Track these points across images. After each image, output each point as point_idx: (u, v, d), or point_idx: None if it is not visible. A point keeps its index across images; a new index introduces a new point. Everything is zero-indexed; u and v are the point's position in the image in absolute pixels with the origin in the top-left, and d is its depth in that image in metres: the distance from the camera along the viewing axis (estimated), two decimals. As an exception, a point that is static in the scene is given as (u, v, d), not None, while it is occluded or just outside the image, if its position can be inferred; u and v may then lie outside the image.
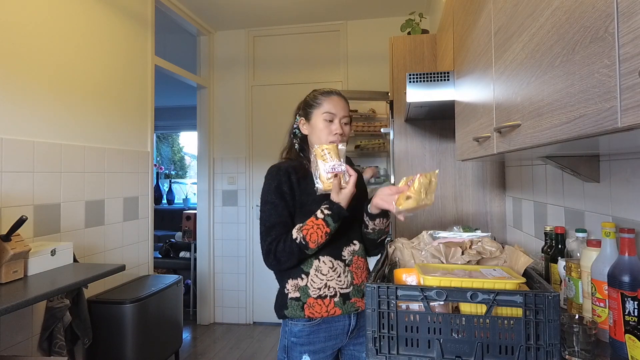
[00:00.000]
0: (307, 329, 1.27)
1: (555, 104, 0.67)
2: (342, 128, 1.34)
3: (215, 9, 3.43)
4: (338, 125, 1.34)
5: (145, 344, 2.32)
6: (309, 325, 1.27)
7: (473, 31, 1.31)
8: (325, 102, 1.35)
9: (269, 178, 1.34)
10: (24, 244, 1.61)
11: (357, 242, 1.37)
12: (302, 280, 1.28)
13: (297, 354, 1.27)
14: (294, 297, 1.28)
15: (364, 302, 1.25)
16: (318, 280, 1.28)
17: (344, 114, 1.36)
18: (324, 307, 1.26)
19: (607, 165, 1.13)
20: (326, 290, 1.27)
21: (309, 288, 1.27)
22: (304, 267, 1.29)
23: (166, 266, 4.17)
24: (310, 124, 1.38)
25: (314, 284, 1.27)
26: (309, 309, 1.26)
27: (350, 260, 1.33)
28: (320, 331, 1.28)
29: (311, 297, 1.27)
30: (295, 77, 3.79)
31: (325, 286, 1.27)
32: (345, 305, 1.28)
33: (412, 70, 2.31)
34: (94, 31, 2.39)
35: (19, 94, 1.90)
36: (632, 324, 0.81)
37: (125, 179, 2.66)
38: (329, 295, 1.27)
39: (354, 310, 1.30)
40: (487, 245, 1.24)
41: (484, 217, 2.19)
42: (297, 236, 1.24)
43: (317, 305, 1.26)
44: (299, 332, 1.27)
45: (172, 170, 6.41)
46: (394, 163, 2.31)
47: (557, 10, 0.66)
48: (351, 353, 1.36)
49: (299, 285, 1.28)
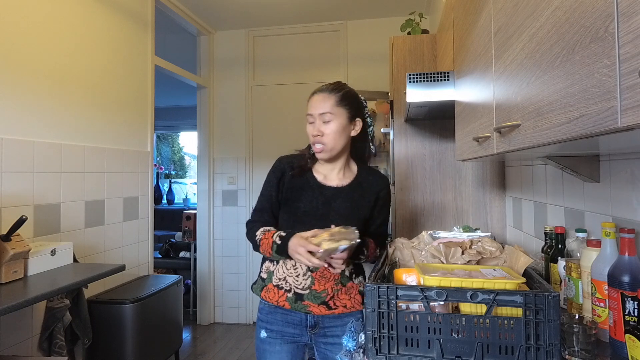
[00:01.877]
0: (266, 308, 1.37)
1: (555, 104, 0.67)
2: (319, 129, 1.29)
3: (215, 9, 3.43)
4: (312, 127, 1.31)
5: (145, 344, 2.32)
6: (267, 305, 1.36)
7: (473, 31, 1.31)
8: (308, 104, 1.34)
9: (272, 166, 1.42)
10: (24, 244, 1.61)
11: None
12: (273, 266, 1.37)
13: (259, 328, 1.38)
14: (262, 277, 1.39)
15: (319, 308, 1.30)
16: (282, 271, 1.34)
17: (322, 111, 1.28)
18: (276, 296, 1.33)
19: (607, 165, 1.13)
20: (283, 283, 1.33)
21: (274, 274, 1.35)
22: None
23: (166, 266, 4.17)
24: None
25: (278, 273, 1.35)
26: (265, 292, 1.35)
27: (316, 268, 1.31)
28: (277, 314, 1.35)
29: (272, 283, 1.34)
30: (295, 77, 3.79)
31: (284, 279, 1.33)
32: (296, 303, 1.31)
33: (412, 70, 2.31)
34: (93, 31, 2.39)
35: (19, 94, 1.90)
36: (632, 324, 0.81)
37: (125, 179, 2.66)
38: (284, 288, 1.33)
39: (304, 312, 1.31)
40: (487, 245, 1.24)
41: (484, 217, 2.19)
42: (259, 237, 1.33)
43: (272, 292, 1.34)
44: (261, 309, 1.39)
45: (172, 170, 6.41)
46: (394, 163, 2.31)
47: (557, 10, 0.66)
48: (324, 353, 1.36)
49: (270, 269, 1.37)
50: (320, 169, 1.40)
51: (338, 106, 1.29)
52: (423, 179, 2.26)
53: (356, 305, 1.37)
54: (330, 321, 1.34)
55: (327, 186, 1.36)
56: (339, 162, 1.38)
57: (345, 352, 1.31)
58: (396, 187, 2.30)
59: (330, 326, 1.34)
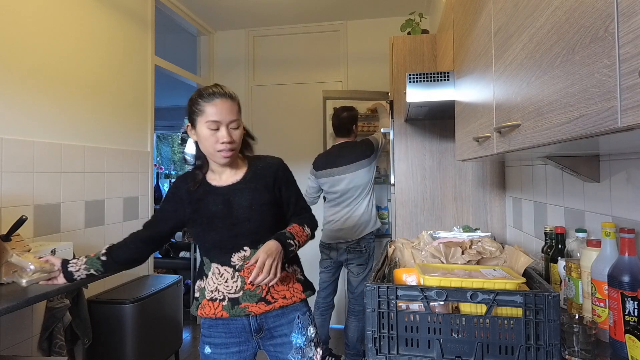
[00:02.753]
0: (207, 322, 1.34)
1: (555, 104, 0.67)
2: (230, 135, 1.23)
3: (215, 9, 3.43)
4: (225, 133, 1.22)
5: (145, 344, 2.32)
6: (207, 319, 1.33)
7: (473, 31, 1.31)
8: (208, 108, 1.22)
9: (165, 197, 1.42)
10: (24, 244, 1.61)
11: (248, 248, 1.29)
12: (203, 282, 1.35)
13: (202, 344, 1.35)
14: (195, 297, 1.36)
15: (258, 306, 1.26)
16: (212, 283, 1.31)
17: (232, 118, 1.24)
18: (213, 309, 1.29)
19: (607, 165, 1.13)
20: (216, 294, 1.29)
21: (205, 289, 1.32)
22: (205, 270, 1.35)
23: (166, 266, 4.17)
24: (196, 132, 1.27)
25: (209, 286, 1.32)
26: (201, 309, 1.32)
27: (241, 266, 1.28)
28: (218, 326, 1.32)
29: (205, 298, 1.32)
30: (295, 77, 3.79)
31: (216, 290, 1.30)
32: (234, 309, 1.27)
33: (412, 70, 2.31)
34: (93, 31, 2.39)
35: (19, 94, 1.90)
36: (632, 324, 0.81)
37: (125, 179, 2.66)
38: (218, 298, 1.29)
39: (244, 315, 1.27)
40: (487, 245, 1.24)
41: (484, 217, 2.19)
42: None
43: (207, 306, 1.30)
44: (202, 324, 1.36)
45: (172, 170, 6.40)
46: (394, 163, 2.31)
47: (557, 10, 0.66)
48: (275, 356, 1.34)
49: (200, 287, 1.35)
50: (212, 175, 1.36)
51: (239, 112, 1.29)
52: (423, 179, 2.26)
53: (296, 294, 1.32)
54: (274, 320, 1.30)
55: (222, 186, 1.33)
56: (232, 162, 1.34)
57: (296, 349, 1.30)
58: (396, 187, 2.30)
59: (276, 326, 1.31)
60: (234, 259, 1.28)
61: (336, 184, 2.58)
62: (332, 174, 2.59)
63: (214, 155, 1.26)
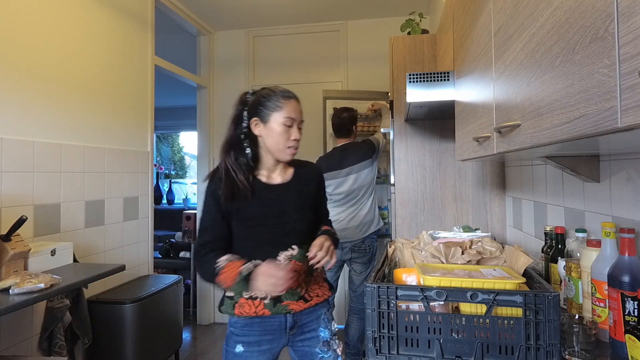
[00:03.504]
0: (241, 321, 1.32)
1: (555, 104, 0.67)
2: (299, 134, 1.32)
3: (215, 9, 3.43)
4: (297, 131, 1.31)
5: (145, 344, 2.32)
6: (242, 318, 1.32)
7: (473, 31, 1.31)
8: (286, 107, 1.29)
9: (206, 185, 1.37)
10: (24, 244, 1.61)
11: (296, 247, 1.32)
12: None
13: (232, 343, 1.32)
14: (228, 296, 1.34)
15: (298, 304, 1.30)
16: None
17: (302, 118, 1.34)
18: (253, 307, 1.29)
19: (607, 165, 1.13)
20: (258, 292, 1.28)
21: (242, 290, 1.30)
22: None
23: (166, 266, 4.17)
24: (266, 127, 1.30)
25: None
26: (239, 307, 1.31)
27: (286, 265, 1.29)
28: (253, 325, 1.31)
29: (243, 297, 1.31)
30: (295, 77, 3.79)
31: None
32: (276, 307, 1.29)
33: (412, 70, 2.31)
34: (93, 31, 2.39)
35: (19, 94, 1.90)
36: (632, 324, 0.81)
37: (125, 179, 2.66)
38: (259, 296, 1.29)
39: (285, 312, 1.30)
40: (487, 245, 1.24)
41: (484, 217, 2.19)
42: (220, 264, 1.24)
43: (246, 305, 1.30)
44: (234, 323, 1.34)
45: (172, 170, 6.40)
46: (394, 163, 2.31)
47: (557, 10, 0.66)
48: (302, 350, 1.37)
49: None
50: (263, 172, 1.37)
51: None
52: (423, 179, 2.26)
53: (325, 293, 1.39)
54: (306, 317, 1.35)
55: (274, 184, 1.36)
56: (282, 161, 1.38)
57: (322, 343, 1.34)
58: (396, 187, 2.30)
59: (307, 322, 1.35)
60: (281, 257, 1.30)
61: (341, 185, 2.60)
62: (337, 176, 2.60)
63: (281, 152, 1.31)
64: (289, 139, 1.30)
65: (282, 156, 1.32)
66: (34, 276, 1.47)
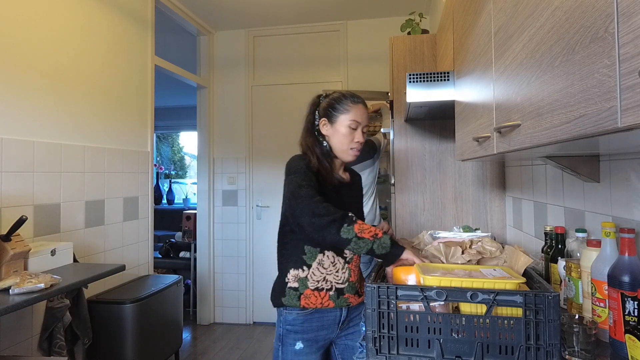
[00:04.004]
0: (301, 318, 1.32)
1: (555, 104, 0.67)
2: (362, 137, 1.38)
3: (215, 9, 3.43)
4: (361, 134, 1.37)
5: (145, 344, 2.32)
6: (303, 314, 1.32)
7: (473, 31, 1.31)
8: (353, 110, 1.36)
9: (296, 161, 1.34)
10: (24, 244, 1.61)
11: None
12: (303, 272, 1.33)
13: (292, 341, 1.32)
14: (292, 287, 1.33)
15: (355, 298, 1.36)
16: (318, 273, 1.33)
17: (367, 123, 1.40)
18: (319, 299, 1.32)
19: (607, 165, 1.13)
20: (324, 284, 1.33)
21: (308, 280, 1.32)
22: (306, 260, 1.33)
23: (166, 266, 4.17)
24: (333, 127, 1.38)
25: (314, 276, 1.33)
26: (305, 299, 1.31)
27: (351, 258, 1.38)
28: (313, 320, 1.33)
29: (309, 288, 1.32)
30: (295, 77, 3.79)
31: (324, 280, 1.33)
32: (339, 299, 1.34)
33: (412, 70, 2.31)
34: (94, 31, 2.39)
35: (19, 94, 1.90)
36: (632, 324, 0.81)
37: (125, 179, 2.66)
38: (325, 288, 1.33)
39: (346, 305, 1.35)
40: (487, 245, 1.24)
41: (484, 217, 2.19)
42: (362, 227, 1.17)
43: (313, 296, 1.32)
44: (293, 321, 1.33)
45: (172, 170, 6.40)
46: (394, 163, 2.31)
47: (557, 10, 0.66)
48: (344, 343, 1.42)
49: (299, 277, 1.33)
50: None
51: None
52: (423, 179, 2.26)
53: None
54: (355, 311, 1.41)
55: (343, 181, 1.44)
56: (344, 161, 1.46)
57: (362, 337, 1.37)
58: (396, 187, 2.30)
59: (354, 316, 1.41)
60: (347, 251, 1.36)
61: None
62: None
63: (345, 152, 1.38)
64: (352, 140, 1.36)
65: (345, 156, 1.39)
66: (34, 276, 1.47)
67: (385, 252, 1.17)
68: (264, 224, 3.78)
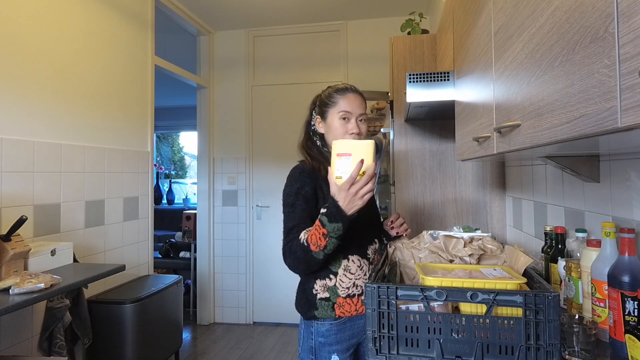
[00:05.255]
0: (334, 328, 1.26)
1: (555, 104, 0.67)
2: (358, 127, 1.30)
3: (215, 9, 3.43)
4: (354, 124, 1.30)
5: (145, 344, 2.32)
6: (336, 324, 1.27)
7: (473, 31, 1.31)
8: (341, 101, 1.31)
9: (291, 180, 1.29)
10: (24, 244, 1.61)
11: (377, 240, 1.41)
12: (331, 281, 1.27)
13: (326, 354, 1.26)
14: (323, 297, 1.27)
15: None
16: (347, 279, 1.27)
17: (361, 111, 1.32)
18: (353, 305, 1.27)
19: (607, 165, 1.13)
20: (354, 289, 1.28)
21: (338, 288, 1.27)
22: (332, 268, 1.28)
23: (166, 266, 4.17)
24: (326, 123, 1.35)
25: (343, 283, 1.27)
26: (339, 308, 1.26)
27: (373, 259, 1.35)
28: (345, 329, 1.28)
29: (340, 296, 1.26)
30: (295, 77, 3.79)
31: (354, 285, 1.28)
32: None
33: (412, 70, 2.31)
34: (93, 31, 2.39)
35: (19, 94, 1.90)
36: (632, 324, 0.81)
37: (125, 179, 2.66)
38: (357, 294, 1.28)
39: None
40: (487, 243, 1.24)
41: (484, 217, 2.19)
42: (302, 237, 1.17)
43: (346, 304, 1.26)
44: (326, 332, 1.26)
45: (172, 170, 6.40)
46: (394, 163, 2.31)
47: (557, 10, 0.66)
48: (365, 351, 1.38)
49: (328, 286, 1.27)
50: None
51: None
52: (423, 179, 2.26)
53: None
54: None
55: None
56: None
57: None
58: (396, 187, 2.30)
59: None
60: (369, 251, 1.34)
61: None
62: None
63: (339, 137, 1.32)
64: (346, 132, 1.29)
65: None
66: (34, 276, 1.47)
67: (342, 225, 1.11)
68: (264, 224, 3.78)
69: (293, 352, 3.15)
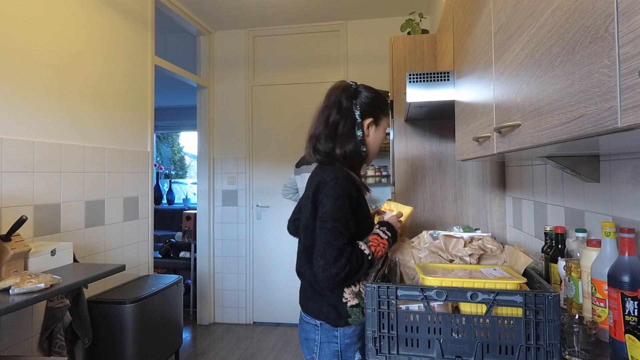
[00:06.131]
0: (359, 329, 1.27)
1: (555, 104, 0.67)
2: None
3: (215, 9, 3.43)
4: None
5: (145, 344, 2.32)
6: (362, 325, 1.28)
7: (473, 31, 1.31)
8: (388, 114, 1.39)
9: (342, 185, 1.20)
10: (24, 244, 1.61)
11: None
12: (356, 287, 1.27)
13: (351, 354, 1.26)
14: (354, 305, 1.25)
15: None
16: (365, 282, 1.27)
17: None
18: None
19: (607, 165, 1.13)
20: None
21: (362, 292, 1.27)
22: None
23: (166, 266, 4.17)
24: (376, 130, 1.34)
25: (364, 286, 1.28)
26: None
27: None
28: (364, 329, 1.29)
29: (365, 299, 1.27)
30: (295, 77, 3.79)
31: None
32: None
33: (412, 70, 2.31)
34: (94, 31, 2.39)
35: (19, 94, 1.90)
36: (632, 324, 0.81)
37: (125, 179, 2.66)
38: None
39: None
40: (487, 243, 1.24)
41: (484, 217, 2.19)
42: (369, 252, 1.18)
43: None
44: (352, 333, 1.26)
45: (172, 170, 6.40)
46: (394, 163, 2.31)
47: (557, 10, 0.66)
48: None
49: (355, 292, 1.26)
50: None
51: None
52: (423, 178, 2.26)
53: None
54: None
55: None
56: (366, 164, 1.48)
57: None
58: (396, 187, 2.30)
59: None
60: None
61: None
62: None
63: (374, 156, 1.39)
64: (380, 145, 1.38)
65: (372, 159, 1.39)
66: (34, 276, 1.47)
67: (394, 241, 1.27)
68: (264, 224, 3.78)
69: (293, 352, 3.15)
